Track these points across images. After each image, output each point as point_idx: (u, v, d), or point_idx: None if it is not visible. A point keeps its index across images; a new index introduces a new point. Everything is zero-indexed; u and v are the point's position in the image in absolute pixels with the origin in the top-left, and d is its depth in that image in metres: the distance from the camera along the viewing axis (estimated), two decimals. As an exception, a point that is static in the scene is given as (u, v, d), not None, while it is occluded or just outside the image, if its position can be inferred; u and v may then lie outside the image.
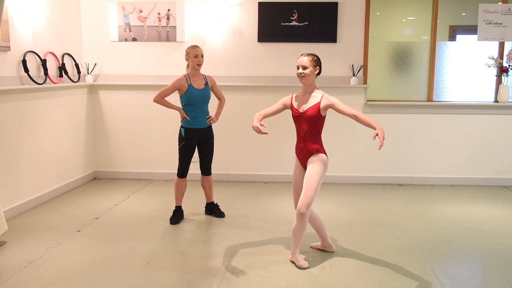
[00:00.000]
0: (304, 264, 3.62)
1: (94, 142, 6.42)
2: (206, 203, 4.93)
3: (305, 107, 3.78)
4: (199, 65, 4.55)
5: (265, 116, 3.84)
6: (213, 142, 4.75)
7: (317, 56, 3.80)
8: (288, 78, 6.15)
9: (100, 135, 6.43)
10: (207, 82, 4.64)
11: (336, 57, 6.08)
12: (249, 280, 3.41)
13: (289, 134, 6.21)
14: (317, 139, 3.78)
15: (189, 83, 4.51)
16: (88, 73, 6.21)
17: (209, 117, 4.64)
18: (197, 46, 4.57)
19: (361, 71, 6.07)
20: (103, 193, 5.71)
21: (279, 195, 5.65)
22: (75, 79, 6.00)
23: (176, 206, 4.75)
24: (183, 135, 4.57)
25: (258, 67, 6.16)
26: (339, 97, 5.98)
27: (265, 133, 3.65)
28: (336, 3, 5.97)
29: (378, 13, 6.21)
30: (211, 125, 4.70)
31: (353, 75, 6.04)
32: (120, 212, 5.00)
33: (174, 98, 6.41)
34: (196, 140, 4.63)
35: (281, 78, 6.15)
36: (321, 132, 3.82)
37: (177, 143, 4.67)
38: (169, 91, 4.53)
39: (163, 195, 5.60)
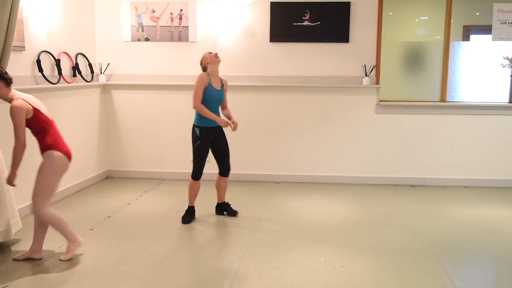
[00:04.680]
0: (66, 257, 3.67)
1: (106, 141, 6.47)
2: (217, 203, 4.93)
3: None
4: (218, 64, 4.62)
5: None
6: (226, 138, 4.74)
7: None
8: (300, 78, 6.14)
9: (112, 135, 6.47)
10: (223, 84, 4.66)
11: (349, 57, 6.06)
12: (261, 280, 3.41)
13: (301, 134, 6.22)
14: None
15: (209, 81, 4.53)
16: (101, 73, 6.26)
17: (232, 122, 4.58)
18: (210, 52, 4.68)
19: (374, 71, 6.04)
20: (115, 192, 5.75)
21: (291, 195, 5.64)
22: (89, 78, 6.05)
23: (189, 206, 4.76)
24: (198, 135, 4.57)
25: (270, 67, 6.16)
26: (351, 97, 6.07)
27: None
28: (349, 3, 5.95)
29: (390, 13, 6.17)
30: None
31: (366, 75, 6.01)
32: (133, 211, 5.03)
33: (184, 98, 6.43)
34: (210, 139, 4.62)
35: (293, 78, 6.15)
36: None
37: (191, 143, 4.64)
38: (200, 90, 4.48)
39: (175, 195, 5.63)
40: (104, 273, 3.52)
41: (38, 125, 3.59)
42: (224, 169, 4.77)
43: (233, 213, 4.88)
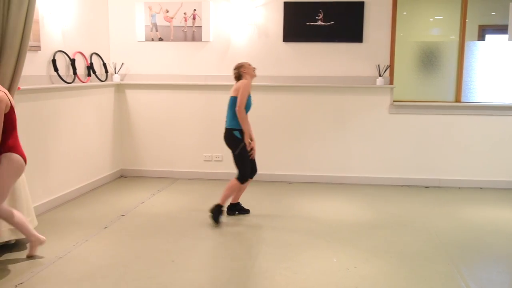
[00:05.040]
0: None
1: (120, 140, 6.51)
2: (231, 204, 4.92)
3: None
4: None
5: None
6: None
7: None
8: (313, 78, 6.12)
9: (126, 134, 6.52)
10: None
11: (362, 57, 6.03)
12: (273, 280, 3.41)
13: (314, 134, 6.20)
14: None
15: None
16: (115, 73, 6.31)
17: (252, 147, 4.68)
18: None
19: (387, 71, 6.00)
20: (129, 191, 5.79)
21: (304, 195, 5.63)
22: (103, 78, 6.10)
23: (221, 205, 4.64)
24: (240, 137, 4.56)
25: (283, 67, 6.16)
26: (365, 97, 6.04)
27: None
28: (363, 3, 5.92)
29: (405, 13, 6.13)
30: None
31: (379, 75, 5.98)
32: (146, 210, 5.06)
33: (197, 98, 6.45)
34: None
35: (306, 78, 6.13)
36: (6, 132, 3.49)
37: (230, 149, 4.62)
38: (246, 97, 4.52)
39: (188, 194, 5.65)
40: (118, 271, 3.54)
41: (8, 123, 3.43)
42: (255, 168, 4.79)
43: (245, 211, 4.90)
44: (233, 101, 4.55)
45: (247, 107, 4.60)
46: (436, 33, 6.37)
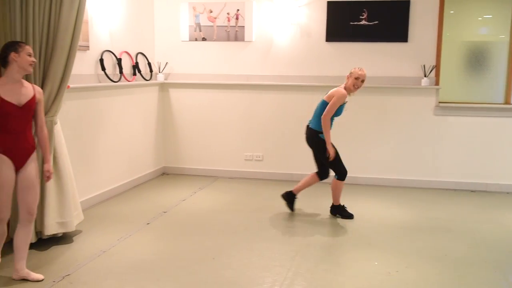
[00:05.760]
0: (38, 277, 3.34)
1: (163, 138, 6.64)
2: (291, 191, 4.92)
3: (22, 99, 3.21)
4: (356, 89, 4.61)
5: None
6: None
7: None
8: (356, 78, 6.04)
9: (169, 132, 6.63)
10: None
11: (407, 57, 5.90)
12: (313, 281, 3.39)
13: (357, 135, 6.12)
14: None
15: (346, 100, 4.64)
16: (159, 72, 6.43)
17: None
18: (363, 70, 4.61)
19: (433, 71, 5.85)
20: (171, 188, 5.89)
21: (344, 197, 5.55)
22: (148, 77, 6.23)
23: (338, 205, 4.85)
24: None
25: (325, 67, 6.10)
26: (410, 98, 5.91)
27: None
28: (408, 1, 5.80)
29: (452, 11, 5.96)
30: None
31: (425, 76, 5.84)
32: (187, 207, 5.13)
33: (239, 97, 6.48)
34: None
35: (348, 78, 6.06)
36: None
37: (318, 152, 4.74)
38: (336, 107, 4.56)
39: (229, 192, 5.70)
40: (159, 266, 3.61)
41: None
42: (325, 174, 4.91)
43: (290, 208, 4.94)
44: (323, 105, 4.61)
45: (338, 113, 4.63)
46: (485, 33, 6.16)
